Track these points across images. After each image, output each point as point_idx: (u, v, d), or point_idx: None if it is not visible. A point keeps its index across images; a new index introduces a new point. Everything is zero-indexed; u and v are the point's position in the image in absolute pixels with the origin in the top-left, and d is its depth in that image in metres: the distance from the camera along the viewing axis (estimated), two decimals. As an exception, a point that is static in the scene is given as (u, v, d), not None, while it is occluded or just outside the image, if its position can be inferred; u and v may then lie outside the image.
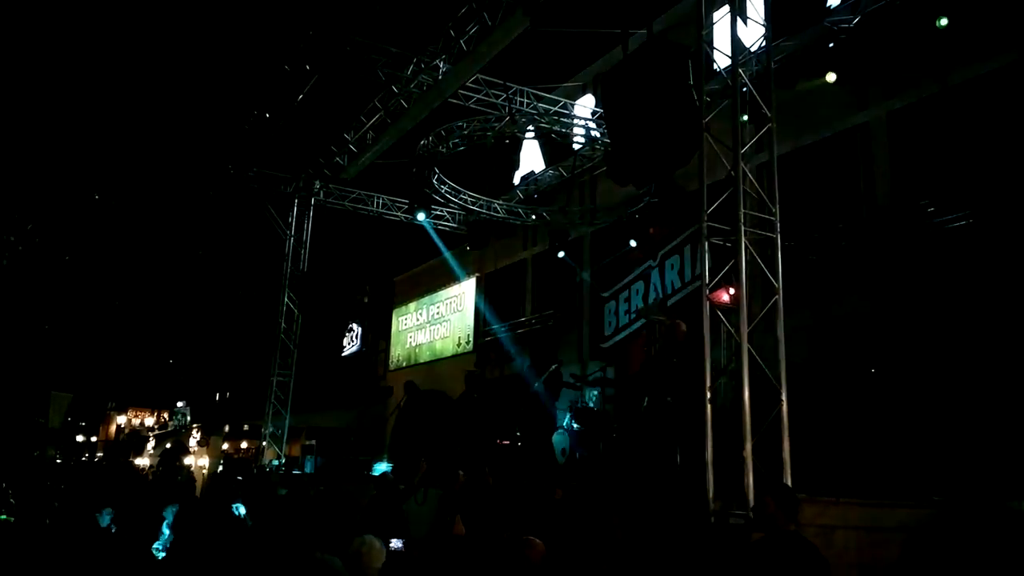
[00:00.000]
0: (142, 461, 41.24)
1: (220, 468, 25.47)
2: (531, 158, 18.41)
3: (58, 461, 35.97)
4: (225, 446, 35.94)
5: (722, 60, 7.05)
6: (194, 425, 44.69)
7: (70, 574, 6.28)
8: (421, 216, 16.24)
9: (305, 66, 12.42)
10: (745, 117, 7.96)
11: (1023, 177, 9.46)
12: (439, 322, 23.59)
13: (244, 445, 34.58)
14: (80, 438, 49.62)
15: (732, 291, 6.34)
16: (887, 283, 10.94)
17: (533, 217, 17.74)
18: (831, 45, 10.88)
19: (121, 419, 55.71)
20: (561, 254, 16.88)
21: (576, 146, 16.33)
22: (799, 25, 11.55)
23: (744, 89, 6.90)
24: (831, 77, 11.03)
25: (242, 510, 10.71)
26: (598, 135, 14.93)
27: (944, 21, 9.68)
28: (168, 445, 41.88)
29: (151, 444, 48.23)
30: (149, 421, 56.13)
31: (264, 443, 17.98)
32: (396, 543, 6.83)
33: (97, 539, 7.19)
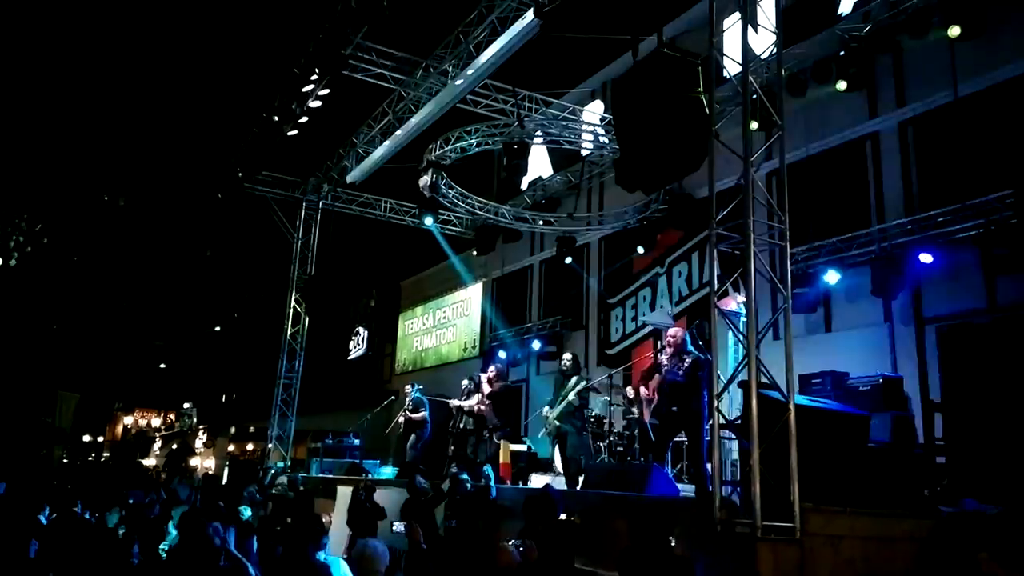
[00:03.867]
0: (148, 462, 41.33)
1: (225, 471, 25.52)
2: (539, 163, 18.41)
3: (64, 461, 36.06)
4: (231, 448, 36.03)
5: (732, 67, 7.02)
6: (200, 426, 44.78)
7: (77, 574, 6.28)
8: (428, 221, 16.24)
9: (314, 70, 12.44)
10: (755, 124, 7.95)
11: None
12: (445, 326, 23.58)
13: (250, 447, 34.63)
14: (87, 438, 49.75)
15: (740, 298, 6.31)
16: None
17: (540, 223, 17.72)
18: (842, 53, 10.86)
19: (128, 420, 55.86)
20: (568, 260, 16.86)
21: (584, 152, 16.33)
22: (810, 32, 11.53)
23: (754, 96, 6.87)
24: (841, 85, 11.01)
25: (248, 512, 10.69)
26: (606, 141, 14.91)
27: (956, 31, 9.64)
28: (174, 446, 41.99)
29: (157, 445, 48.36)
30: (156, 422, 56.27)
31: (270, 445, 18.01)
32: (398, 526, 6.87)
33: (104, 539, 7.19)
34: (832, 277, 11.42)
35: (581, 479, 9.17)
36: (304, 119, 13.79)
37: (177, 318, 42.61)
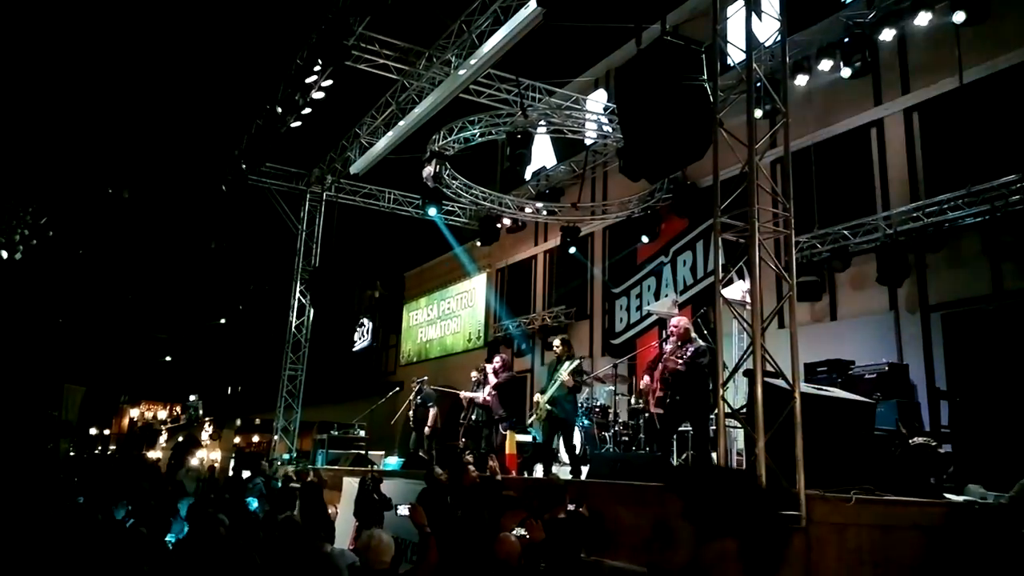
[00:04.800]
0: (155, 454, 41.47)
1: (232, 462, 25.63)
2: (543, 153, 18.38)
3: (71, 454, 36.19)
4: (237, 440, 36.13)
5: (736, 54, 6.99)
6: (206, 419, 44.89)
7: (85, 566, 6.32)
8: (432, 211, 16.23)
9: (317, 61, 12.40)
10: (759, 112, 7.91)
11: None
12: (450, 317, 23.60)
13: (256, 439, 34.76)
14: (93, 431, 49.89)
15: (745, 287, 6.29)
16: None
17: (544, 212, 17.70)
18: (846, 40, 10.81)
19: (134, 412, 56.00)
20: (572, 250, 16.84)
21: (588, 141, 16.28)
22: (814, 19, 11.48)
23: (758, 84, 6.84)
24: (846, 72, 10.97)
25: (254, 504, 10.74)
26: (610, 130, 14.87)
27: (960, 16, 9.59)
28: (180, 438, 42.08)
29: (163, 437, 48.48)
30: (162, 414, 56.41)
31: (276, 437, 18.06)
32: (403, 510, 6.90)
33: (112, 532, 7.22)
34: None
35: (585, 469, 9.17)
36: (307, 110, 13.75)
37: (182, 311, 42.69)
